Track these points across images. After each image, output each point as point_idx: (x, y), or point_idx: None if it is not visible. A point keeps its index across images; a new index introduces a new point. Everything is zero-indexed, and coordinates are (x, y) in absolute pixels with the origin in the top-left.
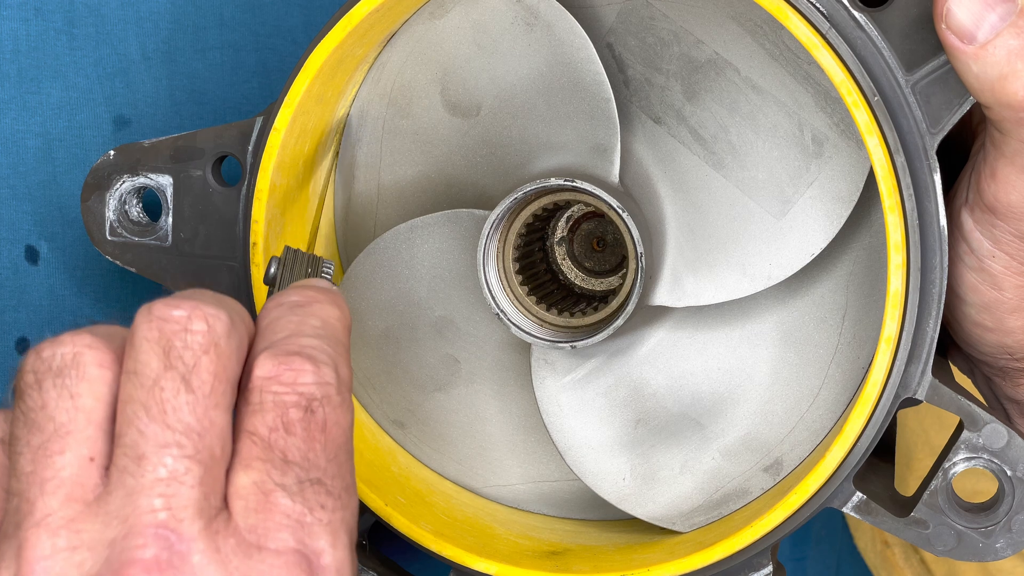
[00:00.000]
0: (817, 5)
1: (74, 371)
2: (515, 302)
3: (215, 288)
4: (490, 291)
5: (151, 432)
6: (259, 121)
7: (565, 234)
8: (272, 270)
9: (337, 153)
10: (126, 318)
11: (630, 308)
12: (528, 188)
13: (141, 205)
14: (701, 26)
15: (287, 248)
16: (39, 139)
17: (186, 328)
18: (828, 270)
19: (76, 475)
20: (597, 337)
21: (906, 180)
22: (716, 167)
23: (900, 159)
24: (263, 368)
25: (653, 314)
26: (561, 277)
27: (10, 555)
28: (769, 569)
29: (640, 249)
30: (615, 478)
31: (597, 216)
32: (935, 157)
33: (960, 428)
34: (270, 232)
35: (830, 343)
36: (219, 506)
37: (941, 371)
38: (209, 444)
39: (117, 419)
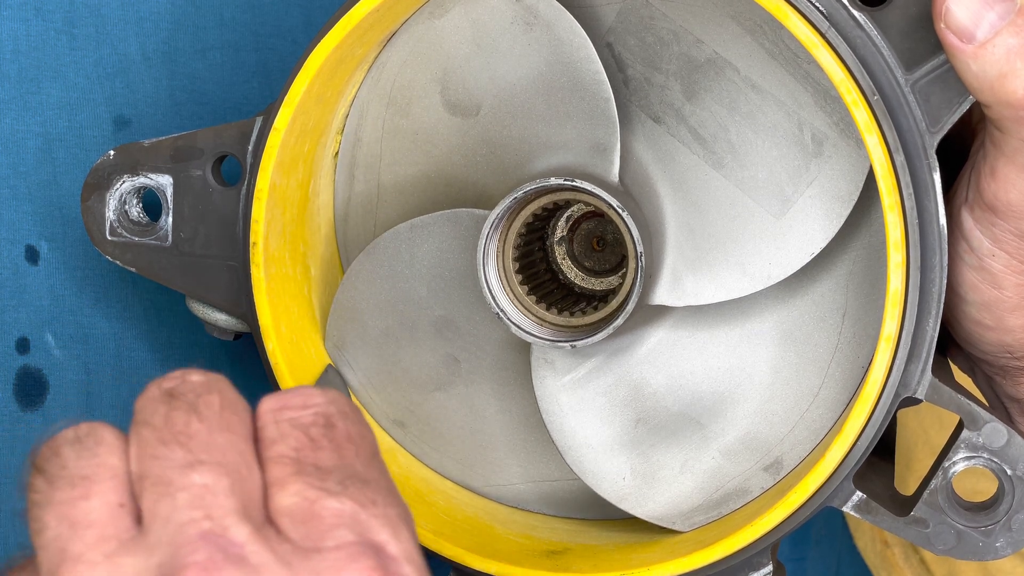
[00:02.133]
0: (816, 4)
1: (91, 436)
2: (515, 301)
3: (215, 289)
4: (490, 290)
5: (172, 457)
6: (259, 121)
7: (565, 233)
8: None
9: (337, 153)
10: (126, 318)
11: (630, 307)
12: (528, 188)
13: (141, 205)
14: (701, 25)
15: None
16: (39, 139)
17: (183, 379)
18: (828, 269)
19: (107, 517)
20: (597, 336)
21: (906, 179)
22: (716, 166)
23: (900, 158)
24: (268, 403)
25: (653, 313)
26: (561, 276)
27: None
28: (769, 568)
29: (640, 248)
30: (615, 477)
31: (597, 215)
32: (935, 156)
33: (960, 427)
34: (270, 232)
35: (830, 342)
36: (262, 520)
37: (941, 370)
38: (232, 461)
39: (135, 468)
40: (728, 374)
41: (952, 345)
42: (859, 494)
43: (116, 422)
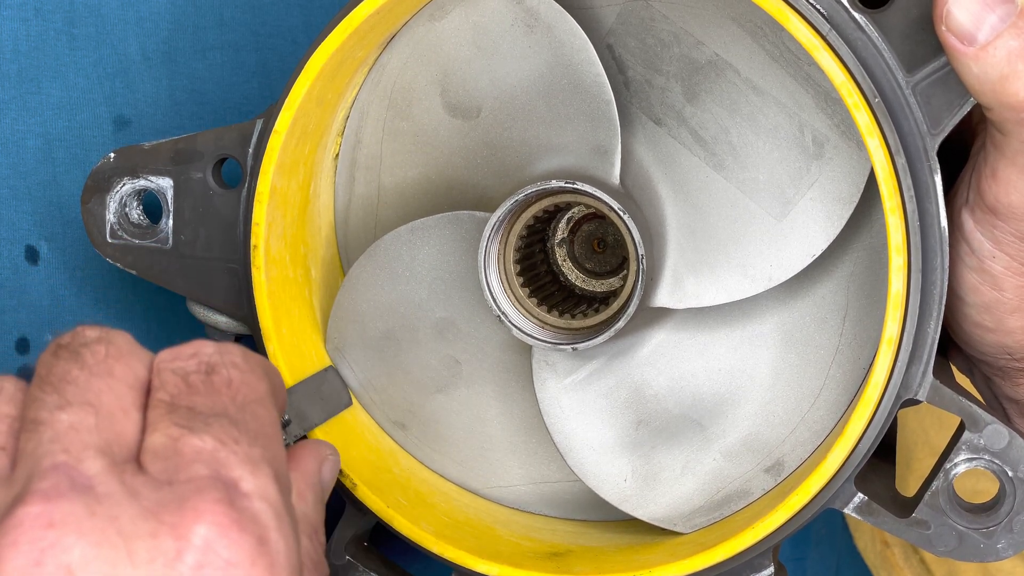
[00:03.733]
0: (817, 6)
1: None
2: (516, 304)
3: (216, 291)
4: (491, 293)
5: (46, 400)
6: (259, 123)
7: (566, 235)
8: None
9: (337, 155)
10: (126, 318)
11: (631, 310)
12: (529, 190)
13: (141, 207)
14: (701, 27)
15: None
16: (39, 139)
17: (76, 333)
18: (829, 271)
19: None
20: (598, 339)
21: (907, 181)
22: (717, 168)
23: (901, 160)
24: (162, 355)
25: (654, 315)
26: (562, 279)
27: None
28: (771, 570)
29: (641, 251)
30: (616, 479)
31: (598, 217)
32: (936, 158)
33: (961, 429)
34: (271, 234)
35: (831, 344)
36: (126, 457)
37: (942, 372)
38: (107, 403)
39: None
40: (729, 376)
41: (951, 346)
42: (860, 496)
43: None
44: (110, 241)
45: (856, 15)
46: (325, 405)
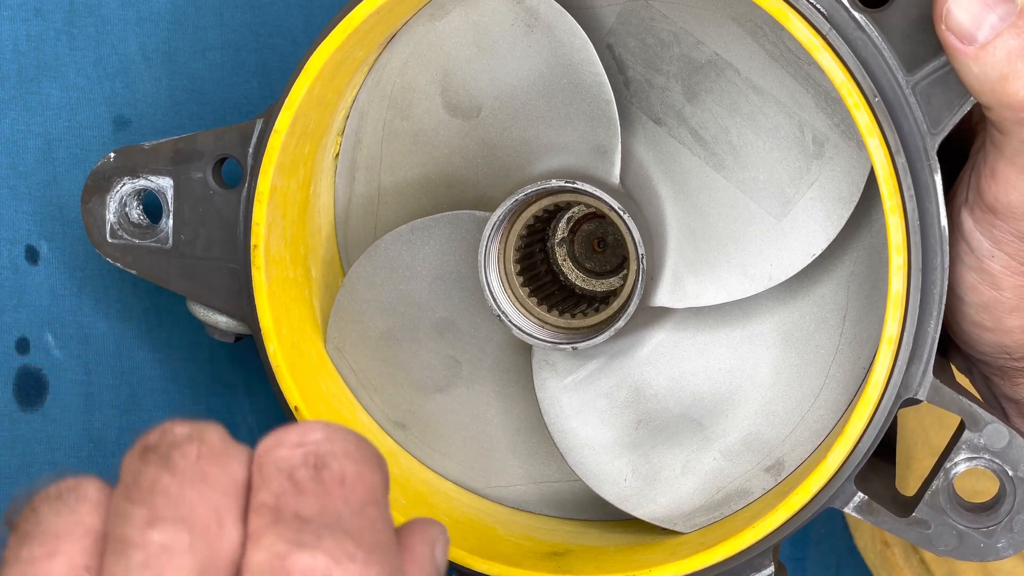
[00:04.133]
0: (817, 6)
1: (73, 493)
2: (516, 303)
3: (216, 291)
4: (491, 292)
5: (135, 515)
6: (259, 123)
7: (566, 235)
8: None
9: (337, 155)
10: (126, 318)
11: (631, 309)
12: (529, 190)
13: (142, 207)
14: (701, 27)
15: None
16: (39, 139)
17: (164, 431)
18: (829, 271)
19: None
20: (598, 338)
21: (907, 181)
22: (717, 168)
23: (901, 160)
24: (263, 442)
25: (654, 315)
26: (562, 278)
27: None
28: (771, 570)
29: (641, 250)
30: (616, 479)
31: (598, 217)
32: (936, 158)
33: (961, 428)
34: (271, 234)
35: (831, 343)
36: None
37: (942, 371)
38: (201, 516)
39: (107, 527)
40: (729, 375)
41: (951, 345)
42: (860, 495)
43: (115, 422)
44: (110, 241)
45: (856, 14)
46: None
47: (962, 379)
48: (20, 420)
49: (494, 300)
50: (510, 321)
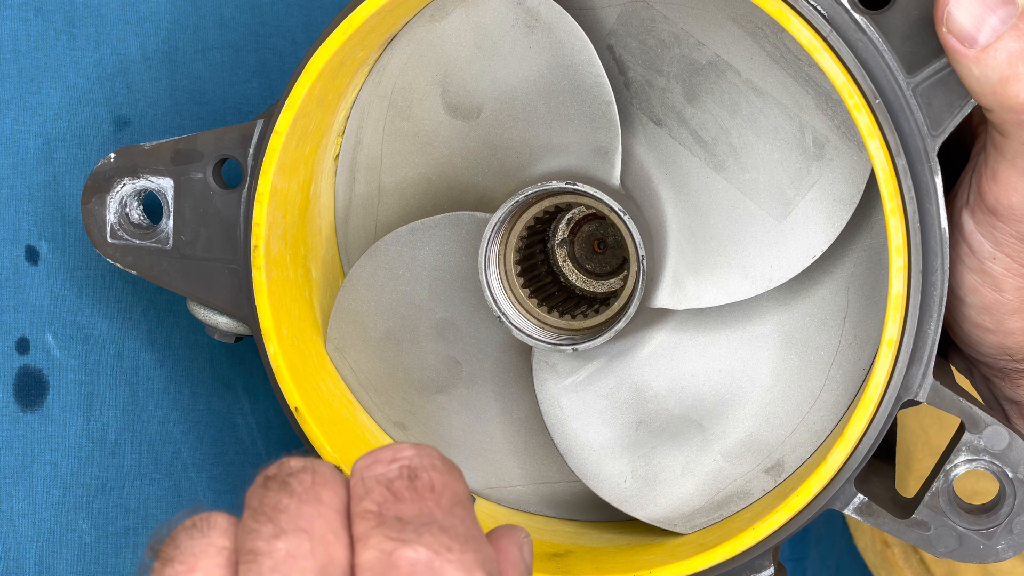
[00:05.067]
0: (818, 7)
1: (206, 522)
2: (516, 304)
3: (214, 290)
4: (492, 293)
5: (262, 530)
6: (260, 124)
7: (566, 236)
8: None
9: (338, 155)
10: (126, 318)
11: (631, 310)
12: (529, 191)
13: (142, 208)
14: (702, 28)
15: None
16: (39, 139)
17: (281, 464)
18: (829, 272)
19: None
20: (599, 340)
21: (907, 183)
22: (717, 169)
23: (901, 162)
24: (360, 461)
25: (654, 316)
26: (562, 279)
27: None
28: (771, 571)
29: (641, 251)
30: (616, 480)
31: (598, 218)
32: (936, 159)
33: (961, 430)
34: (271, 235)
35: (831, 345)
36: None
37: (942, 373)
38: (318, 527)
39: (238, 545)
40: (729, 377)
41: (951, 347)
42: (860, 497)
43: (115, 422)
44: (110, 241)
45: (857, 16)
46: None
47: (963, 380)
48: (20, 420)
49: (494, 301)
50: (510, 322)
